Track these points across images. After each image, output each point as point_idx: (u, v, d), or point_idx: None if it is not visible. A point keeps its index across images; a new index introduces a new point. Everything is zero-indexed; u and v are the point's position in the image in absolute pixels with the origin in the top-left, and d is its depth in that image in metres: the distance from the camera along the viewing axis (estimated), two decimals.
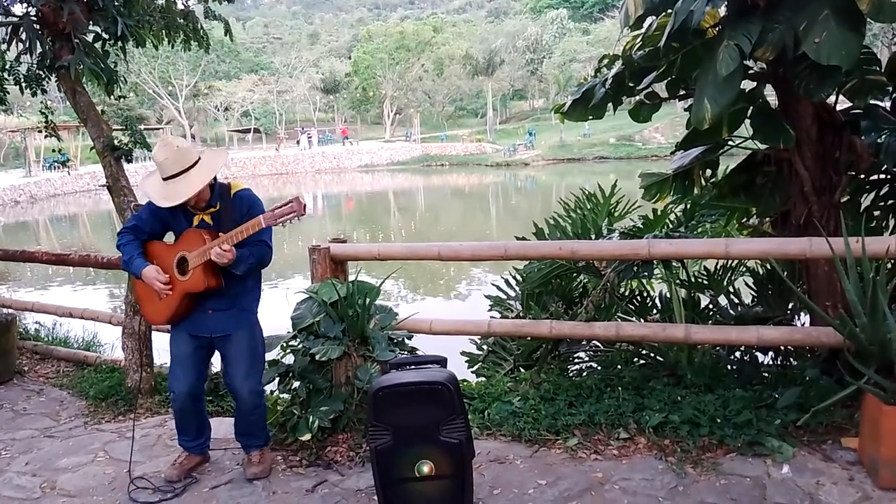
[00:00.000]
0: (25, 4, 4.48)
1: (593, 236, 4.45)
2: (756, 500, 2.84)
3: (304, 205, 3.03)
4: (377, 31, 66.76)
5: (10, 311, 5.61)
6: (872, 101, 3.66)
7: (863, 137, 3.55)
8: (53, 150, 32.76)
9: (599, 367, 4.23)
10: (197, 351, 3.35)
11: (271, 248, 3.29)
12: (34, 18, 4.43)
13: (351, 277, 4.02)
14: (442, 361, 3.04)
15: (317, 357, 3.51)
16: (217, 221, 3.21)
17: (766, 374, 3.88)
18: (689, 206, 4.35)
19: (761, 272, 4.27)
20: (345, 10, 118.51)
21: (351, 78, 64.27)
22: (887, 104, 3.77)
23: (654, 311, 4.46)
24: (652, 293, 4.63)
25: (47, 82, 4.72)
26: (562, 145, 46.44)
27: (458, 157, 49.33)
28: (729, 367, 4.01)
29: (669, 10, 3.49)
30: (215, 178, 3.24)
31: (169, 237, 3.36)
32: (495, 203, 31.67)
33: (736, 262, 4.29)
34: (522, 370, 4.48)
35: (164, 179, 3.11)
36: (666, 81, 3.92)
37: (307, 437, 3.48)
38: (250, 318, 3.37)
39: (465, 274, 13.15)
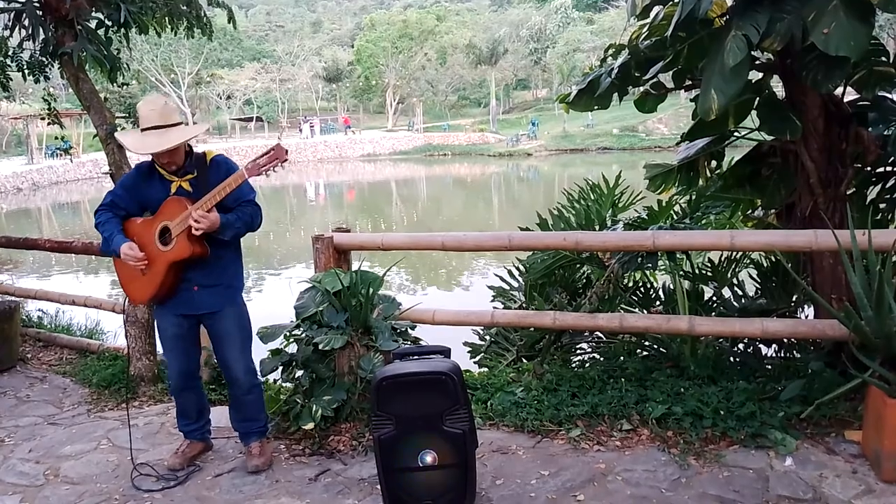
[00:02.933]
0: None
1: (597, 227, 4.44)
2: (759, 492, 2.84)
3: (286, 150, 2.97)
4: (380, 20, 66.44)
5: (13, 298, 5.63)
6: (880, 93, 3.62)
7: (870, 129, 3.52)
8: (56, 138, 32.65)
9: (602, 359, 4.22)
10: (187, 331, 3.31)
11: (259, 207, 3.23)
12: (37, 5, 4.41)
13: (354, 267, 4.02)
14: (445, 352, 3.05)
15: (320, 346, 3.51)
16: (196, 188, 3.13)
17: (770, 367, 3.88)
18: (693, 197, 4.33)
19: (766, 264, 4.25)
20: None
21: (353, 66, 64.05)
22: (895, 96, 3.74)
23: (658, 302, 4.45)
24: (656, 285, 4.62)
25: (50, 69, 4.72)
26: (565, 136, 46.29)
27: (460, 147, 49.19)
28: (732, 359, 4.00)
29: (677, 0, 3.46)
30: (191, 147, 3.20)
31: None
32: (498, 193, 31.62)
33: (740, 254, 4.27)
34: (525, 361, 4.47)
35: (143, 131, 3.05)
36: (672, 72, 3.88)
37: (310, 426, 3.48)
38: (237, 294, 3.34)
39: (469, 264, 13.15)
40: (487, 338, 4.84)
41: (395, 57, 59.82)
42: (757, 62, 3.63)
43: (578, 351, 4.53)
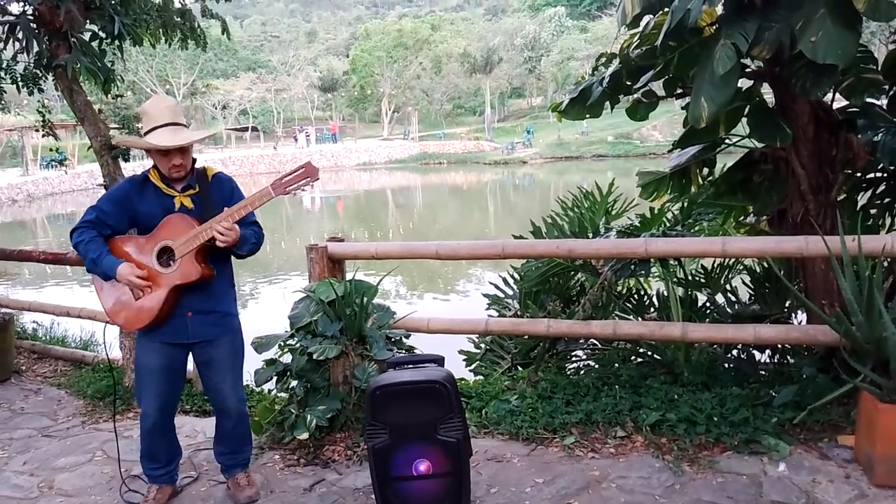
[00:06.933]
0: (22, 3, 4.47)
1: (591, 235, 4.45)
2: (752, 497, 2.85)
3: (317, 169, 2.83)
4: (375, 29, 66.67)
5: (8, 310, 5.61)
6: (869, 100, 3.66)
7: (859, 135, 3.55)
8: (51, 149, 32.62)
9: (597, 366, 4.24)
10: (176, 362, 3.06)
11: (262, 229, 3.09)
12: (31, 17, 4.42)
13: (348, 276, 4.02)
14: (439, 360, 3.04)
15: (314, 356, 3.50)
16: (198, 205, 2.94)
17: (763, 373, 3.89)
18: (686, 204, 4.35)
19: (758, 270, 4.27)
20: (343, 8, 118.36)
21: (349, 76, 64.24)
22: (884, 102, 3.77)
23: (652, 309, 4.47)
24: (649, 291, 4.64)
25: (44, 81, 4.72)
26: (560, 143, 46.45)
27: (456, 156, 49.33)
28: (726, 365, 4.01)
29: (666, 9, 3.48)
30: (193, 159, 3.02)
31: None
32: (493, 201, 31.68)
33: (733, 260, 4.29)
34: (520, 369, 4.48)
35: (151, 130, 2.84)
36: (663, 80, 3.91)
37: (305, 435, 3.47)
38: (234, 322, 3.14)
39: (463, 273, 13.14)
40: (482, 346, 4.85)
41: (390, 66, 60.00)
42: (747, 70, 3.66)
43: (573, 358, 4.54)
